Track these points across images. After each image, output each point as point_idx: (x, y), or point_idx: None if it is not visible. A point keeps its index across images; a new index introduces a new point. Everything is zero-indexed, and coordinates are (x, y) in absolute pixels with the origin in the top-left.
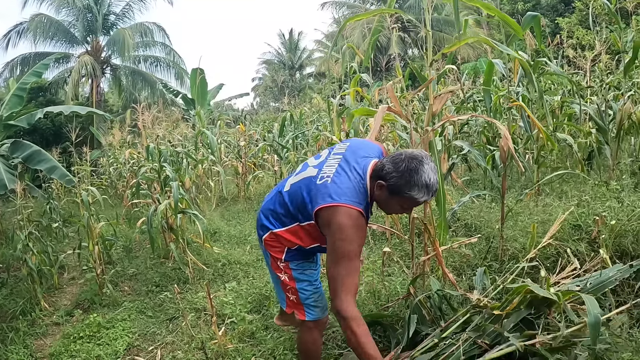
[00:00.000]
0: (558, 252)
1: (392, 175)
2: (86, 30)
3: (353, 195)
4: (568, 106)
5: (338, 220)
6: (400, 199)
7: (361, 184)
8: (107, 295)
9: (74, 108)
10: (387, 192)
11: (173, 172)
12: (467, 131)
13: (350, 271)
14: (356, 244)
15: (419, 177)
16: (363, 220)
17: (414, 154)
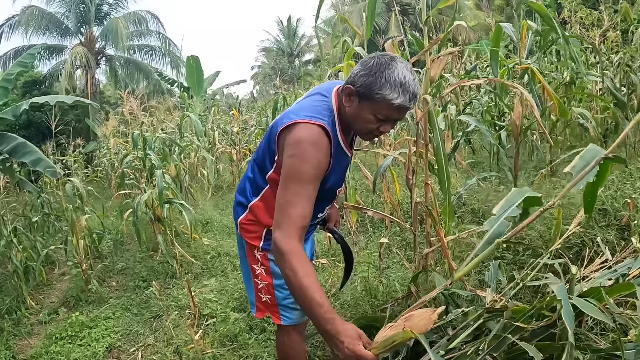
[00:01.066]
0: (582, 241)
1: (360, 75)
2: (79, 21)
3: (312, 112)
4: (582, 79)
5: (294, 135)
6: (372, 104)
7: (323, 103)
8: (92, 292)
9: (60, 98)
10: (357, 98)
11: (158, 160)
12: (469, 112)
13: (299, 197)
14: (310, 164)
15: (390, 72)
16: (325, 139)
17: (385, 53)
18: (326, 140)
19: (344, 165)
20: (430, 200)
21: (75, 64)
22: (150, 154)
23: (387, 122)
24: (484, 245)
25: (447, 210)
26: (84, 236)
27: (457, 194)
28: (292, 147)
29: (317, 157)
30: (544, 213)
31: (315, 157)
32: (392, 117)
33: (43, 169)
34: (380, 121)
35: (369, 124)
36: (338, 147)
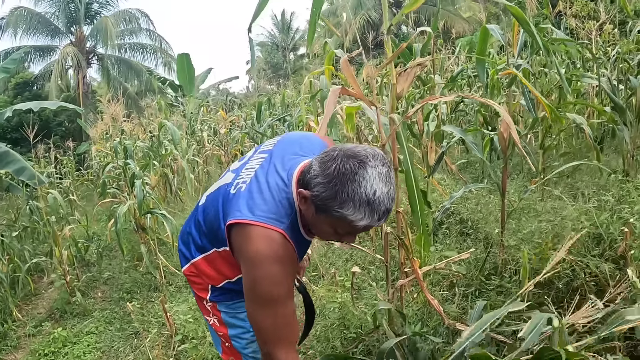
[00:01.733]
0: (574, 270)
1: (317, 181)
2: (69, 21)
3: (271, 210)
4: (577, 81)
5: (253, 247)
6: (330, 219)
7: (283, 194)
8: (77, 305)
9: (44, 103)
10: (313, 207)
11: (138, 170)
12: (463, 109)
13: (284, 319)
14: (285, 283)
15: (355, 187)
16: (289, 247)
17: (355, 150)
18: (290, 247)
19: (305, 249)
20: (403, 229)
21: (66, 64)
22: (131, 163)
23: (351, 235)
24: None
25: (423, 240)
26: (68, 246)
27: (442, 207)
28: (255, 265)
29: (286, 274)
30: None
31: (284, 275)
32: (356, 233)
33: (27, 178)
34: (340, 235)
35: (328, 236)
36: (300, 239)
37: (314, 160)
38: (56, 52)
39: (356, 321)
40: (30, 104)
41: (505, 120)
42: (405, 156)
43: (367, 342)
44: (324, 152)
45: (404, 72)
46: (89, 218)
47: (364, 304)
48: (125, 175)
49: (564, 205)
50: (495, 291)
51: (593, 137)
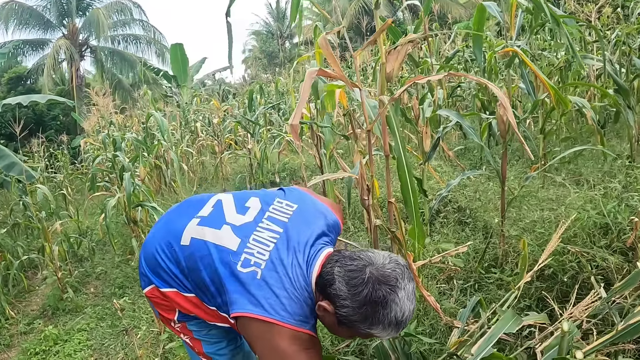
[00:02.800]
0: (579, 262)
1: (345, 304)
2: (61, 14)
3: (296, 312)
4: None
5: (282, 345)
6: (352, 331)
7: (306, 293)
8: (69, 301)
9: (33, 97)
10: (335, 318)
11: (127, 162)
12: (460, 94)
13: None
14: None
15: (386, 313)
16: (316, 340)
17: (385, 273)
18: (317, 341)
19: None
20: (395, 221)
21: (59, 57)
22: (120, 155)
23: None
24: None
25: (417, 233)
26: (60, 241)
27: (439, 195)
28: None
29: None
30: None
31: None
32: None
33: (17, 173)
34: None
35: (343, 336)
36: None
37: (337, 272)
38: (49, 45)
39: None
40: (19, 98)
41: (502, 102)
42: (397, 142)
43: (359, 341)
44: (351, 269)
45: (394, 50)
46: (80, 212)
47: None
48: (115, 168)
49: (567, 192)
50: (496, 284)
51: (597, 121)
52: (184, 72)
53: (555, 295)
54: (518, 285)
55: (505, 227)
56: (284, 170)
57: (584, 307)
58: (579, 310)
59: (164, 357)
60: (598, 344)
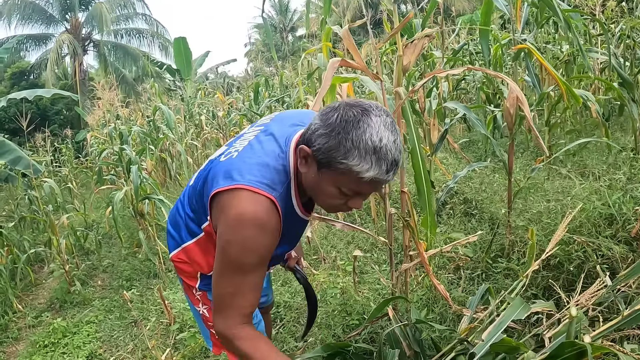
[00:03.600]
0: (585, 251)
1: (318, 133)
2: (64, 8)
3: (264, 175)
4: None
5: (235, 210)
6: (334, 175)
7: (280, 160)
8: (76, 294)
9: (38, 92)
10: (315, 164)
11: (134, 155)
12: (464, 87)
13: (243, 288)
14: (256, 253)
15: (360, 134)
16: (275, 216)
17: (357, 100)
18: (276, 217)
19: (298, 230)
20: (408, 210)
21: (62, 52)
22: (126, 148)
23: (357, 196)
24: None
25: (429, 221)
26: (67, 235)
27: (446, 186)
28: (231, 228)
29: (263, 243)
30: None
31: (261, 243)
32: (363, 192)
33: (23, 167)
34: (346, 196)
35: (332, 199)
36: (292, 214)
37: (314, 118)
38: (52, 40)
39: (358, 307)
40: (24, 92)
41: (517, 95)
42: (412, 133)
43: (371, 328)
44: (326, 107)
45: (411, 43)
46: (87, 206)
47: (367, 288)
48: (122, 161)
49: (572, 184)
50: (503, 274)
51: (602, 113)
52: (188, 65)
53: (561, 284)
54: (526, 274)
55: (512, 217)
56: None
57: (590, 295)
58: (585, 298)
59: (175, 347)
60: (604, 330)
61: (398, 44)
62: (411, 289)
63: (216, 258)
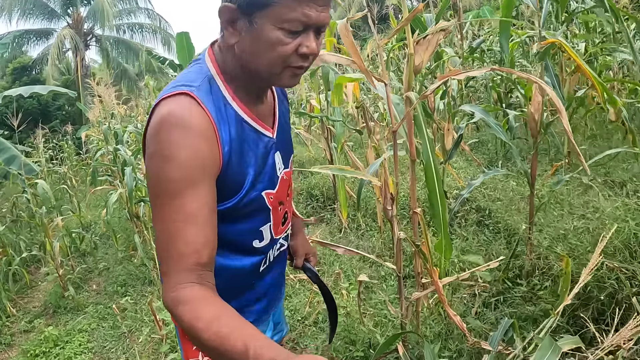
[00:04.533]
0: (617, 279)
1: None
2: (65, 3)
3: (177, 82)
4: (607, 55)
5: (151, 122)
6: (270, 12)
7: (196, 66)
8: (70, 299)
9: (35, 88)
10: (246, 19)
11: (129, 156)
12: (472, 85)
13: (177, 222)
14: (180, 160)
15: None
16: (196, 110)
17: None
18: (198, 111)
19: (263, 154)
20: (420, 233)
21: (63, 47)
22: (121, 149)
23: (305, 32)
24: None
25: (442, 245)
26: (62, 237)
27: (459, 196)
28: (150, 140)
29: (187, 145)
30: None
31: (184, 144)
32: (308, 22)
33: (18, 167)
34: (293, 35)
35: (281, 48)
36: (238, 123)
37: None
38: (54, 35)
39: (364, 336)
40: (20, 89)
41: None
42: (425, 144)
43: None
44: None
45: (424, 39)
46: (82, 206)
47: (372, 311)
48: (116, 162)
49: (596, 195)
50: (524, 298)
51: (628, 119)
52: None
53: (590, 315)
54: (557, 311)
55: (533, 234)
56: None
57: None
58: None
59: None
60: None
61: (408, 40)
62: (422, 319)
63: (148, 190)
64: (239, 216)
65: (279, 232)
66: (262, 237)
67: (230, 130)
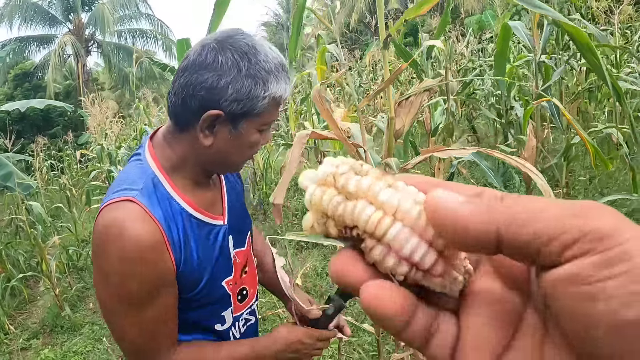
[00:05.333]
0: None
1: (222, 85)
2: (66, 9)
3: (120, 184)
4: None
5: (94, 235)
6: (255, 120)
7: (135, 163)
8: (67, 318)
9: (32, 102)
10: (229, 125)
11: None
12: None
13: (138, 330)
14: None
15: (263, 56)
16: (140, 215)
17: (225, 34)
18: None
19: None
20: None
21: (65, 53)
22: (114, 171)
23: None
24: None
25: None
26: (59, 254)
27: None
28: (99, 254)
29: (141, 259)
30: None
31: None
32: (276, 116)
33: (14, 184)
34: (263, 133)
35: (252, 147)
36: (186, 219)
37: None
38: (55, 41)
39: None
40: (16, 104)
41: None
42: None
43: None
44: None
45: (406, 101)
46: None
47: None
48: (109, 183)
49: None
50: None
51: (629, 156)
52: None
53: None
54: None
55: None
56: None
57: None
58: None
59: None
60: None
61: (389, 103)
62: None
63: (98, 298)
64: (200, 304)
65: (238, 310)
66: (225, 321)
67: (179, 229)
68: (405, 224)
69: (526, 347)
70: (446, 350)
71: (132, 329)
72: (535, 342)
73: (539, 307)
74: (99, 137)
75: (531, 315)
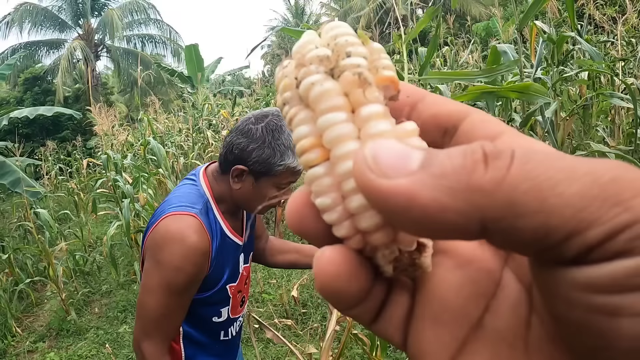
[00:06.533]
0: None
1: (251, 148)
2: (76, 14)
3: (181, 200)
4: (604, 100)
5: (160, 233)
6: (272, 179)
7: (192, 186)
8: (72, 323)
9: (40, 109)
10: (252, 178)
11: (127, 187)
12: None
13: (165, 311)
14: (185, 272)
15: (286, 136)
16: (199, 231)
17: (264, 112)
18: (200, 232)
19: (231, 252)
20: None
21: (74, 57)
22: (120, 180)
23: (290, 184)
24: None
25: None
26: (66, 259)
27: None
28: (159, 248)
29: (194, 262)
30: None
31: (192, 262)
32: (296, 179)
33: (22, 190)
34: (282, 190)
35: (271, 200)
36: (219, 232)
37: (226, 143)
38: (64, 46)
39: None
40: (25, 110)
41: None
42: None
43: None
44: (235, 130)
45: None
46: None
47: None
48: (115, 192)
49: None
50: None
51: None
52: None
53: None
54: None
55: None
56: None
57: None
58: None
59: None
60: None
61: None
62: None
63: (142, 281)
64: (207, 303)
65: (237, 312)
66: (221, 315)
67: (217, 243)
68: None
69: (502, 327)
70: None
71: (158, 307)
72: (519, 320)
73: (523, 279)
74: (106, 146)
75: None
